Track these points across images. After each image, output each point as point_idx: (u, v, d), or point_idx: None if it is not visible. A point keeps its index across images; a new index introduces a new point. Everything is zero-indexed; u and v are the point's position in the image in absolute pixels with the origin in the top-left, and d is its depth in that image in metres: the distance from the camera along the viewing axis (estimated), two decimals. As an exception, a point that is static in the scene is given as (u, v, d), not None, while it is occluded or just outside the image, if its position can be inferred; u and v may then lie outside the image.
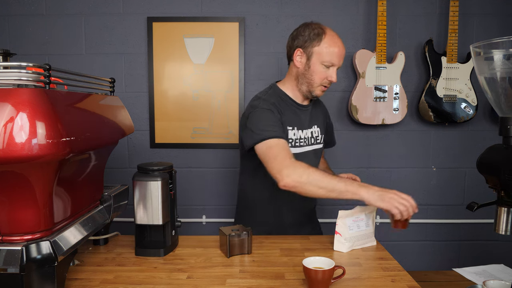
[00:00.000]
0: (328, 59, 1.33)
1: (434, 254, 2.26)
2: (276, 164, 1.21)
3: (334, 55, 1.33)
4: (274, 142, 1.24)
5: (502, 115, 0.87)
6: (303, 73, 1.37)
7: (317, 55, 1.33)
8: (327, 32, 1.34)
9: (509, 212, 0.89)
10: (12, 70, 0.81)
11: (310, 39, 1.34)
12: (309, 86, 1.38)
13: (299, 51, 1.36)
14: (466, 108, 2.07)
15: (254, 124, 1.30)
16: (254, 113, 1.33)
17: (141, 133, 2.19)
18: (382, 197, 1.13)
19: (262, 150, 1.25)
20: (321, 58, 1.33)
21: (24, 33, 2.13)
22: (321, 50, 1.33)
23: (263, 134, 1.26)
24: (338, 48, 1.34)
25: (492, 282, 1.07)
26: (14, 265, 0.81)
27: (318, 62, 1.34)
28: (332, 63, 1.34)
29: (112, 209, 1.23)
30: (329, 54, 1.33)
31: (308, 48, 1.34)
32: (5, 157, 0.75)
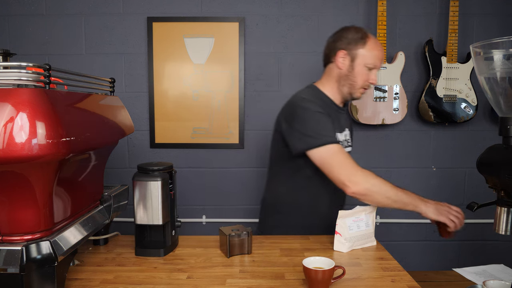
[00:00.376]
0: (371, 61, 1.36)
1: (434, 254, 2.26)
2: (344, 171, 1.23)
3: (377, 58, 1.37)
4: (336, 148, 1.25)
5: (502, 115, 0.87)
6: (346, 74, 1.38)
7: (362, 57, 1.35)
8: (370, 36, 1.38)
9: (509, 212, 0.89)
10: (12, 70, 0.81)
11: (354, 41, 1.36)
12: (351, 88, 1.39)
13: (342, 53, 1.37)
14: (466, 108, 2.07)
15: (309, 127, 1.28)
16: (306, 115, 1.30)
17: (141, 133, 2.19)
18: (438, 210, 1.21)
19: (323, 155, 1.25)
20: (365, 60, 1.35)
21: (24, 33, 2.13)
22: (366, 52, 1.35)
23: (322, 139, 1.25)
24: (380, 51, 1.38)
25: (492, 282, 1.07)
26: (14, 265, 0.81)
27: (362, 64, 1.36)
28: (375, 65, 1.37)
29: (112, 209, 1.23)
30: (373, 56, 1.35)
31: (352, 50, 1.36)
32: (5, 157, 0.75)
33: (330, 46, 1.42)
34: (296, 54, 2.16)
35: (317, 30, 2.15)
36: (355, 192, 1.21)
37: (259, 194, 2.22)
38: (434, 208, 1.21)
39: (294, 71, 2.17)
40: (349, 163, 1.24)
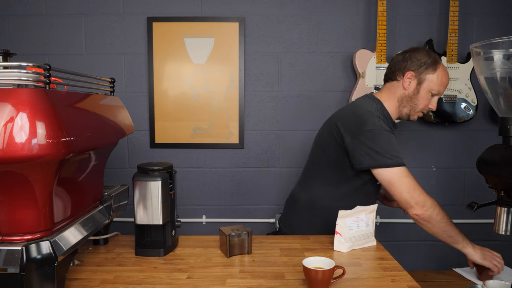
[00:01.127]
0: (437, 88, 1.38)
1: (434, 254, 2.26)
2: (414, 194, 1.27)
3: (443, 86, 1.39)
4: (406, 170, 1.29)
5: (502, 115, 0.87)
6: (410, 96, 1.40)
7: (429, 82, 1.37)
8: (440, 63, 1.40)
9: (509, 212, 0.89)
10: (12, 70, 0.81)
11: (425, 65, 1.37)
12: (411, 110, 1.41)
13: (410, 74, 1.38)
14: (466, 108, 2.07)
15: (380, 145, 1.29)
16: (377, 132, 1.30)
17: (141, 133, 2.19)
18: (484, 255, 1.27)
19: (393, 176, 1.28)
20: (431, 86, 1.37)
21: (24, 33, 2.13)
22: (434, 78, 1.37)
23: (395, 160, 1.28)
24: (447, 80, 1.40)
25: (492, 282, 1.07)
26: (14, 265, 0.81)
27: (428, 89, 1.37)
28: (439, 92, 1.39)
29: (112, 209, 1.23)
30: (440, 84, 1.38)
31: (421, 74, 1.37)
32: (5, 157, 0.75)
33: (399, 65, 1.41)
34: (296, 54, 2.16)
35: (317, 30, 2.15)
36: (419, 215, 1.26)
37: (259, 194, 2.23)
38: (481, 253, 1.27)
39: (294, 71, 2.17)
40: (419, 187, 1.29)
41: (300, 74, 2.17)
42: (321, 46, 2.16)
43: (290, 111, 2.18)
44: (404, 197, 1.27)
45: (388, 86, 1.45)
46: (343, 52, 2.15)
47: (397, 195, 1.29)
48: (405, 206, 1.28)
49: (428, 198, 1.28)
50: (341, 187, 1.42)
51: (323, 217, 1.44)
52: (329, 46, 2.15)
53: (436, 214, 1.26)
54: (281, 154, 2.21)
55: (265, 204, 2.22)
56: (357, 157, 1.32)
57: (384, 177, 1.30)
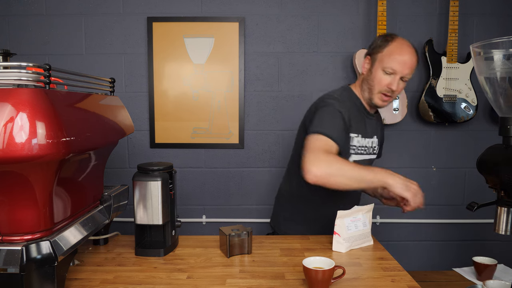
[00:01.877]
0: (389, 65, 1.31)
1: (434, 254, 2.26)
2: (309, 157, 1.18)
3: (395, 62, 1.30)
4: (325, 139, 1.22)
5: (502, 115, 0.87)
6: (366, 78, 1.38)
7: (380, 60, 1.33)
8: (396, 40, 1.34)
9: (509, 212, 0.89)
10: (12, 70, 0.81)
11: (377, 46, 1.36)
12: (370, 93, 1.37)
13: (367, 58, 1.39)
14: (466, 108, 2.07)
15: (320, 118, 1.28)
16: (325, 109, 1.31)
17: (141, 133, 2.19)
18: (407, 186, 1.15)
19: (308, 141, 1.23)
20: (382, 64, 1.32)
21: (24, 33, 2.13)
22: (384, 55, 1.32)
23: (317, 129, 1.24)
24: (401, 55, 1.31)
25: (492, 282, 1.07)
26: (14, 265, 0.81)
27: (380, 68, 1.33)
28: (394, 70, 1.31)
29: (112, 209, 1.23)
30: (391, 60, 1.31)
31: (373, 55, 1.36)
32: (5, 157, 0.75)
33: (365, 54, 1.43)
34: (296, 54, 2.16)
35: (317, 30, 2.15)
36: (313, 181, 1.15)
37: (259, 194, 2.23)
38: (403, 183, 1.15)
39: (294, 71, 2.17)
40: (320, 151, 1.18)
41: (300, 74, 2.17)
42: (321, 46, 2.16)
43: (290, 111, 2.18)
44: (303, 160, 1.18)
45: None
46: (343, 52, 2.15)
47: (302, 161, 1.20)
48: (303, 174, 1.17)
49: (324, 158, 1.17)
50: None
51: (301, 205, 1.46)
52: (329, 46, 2.15)
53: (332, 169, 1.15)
54: (281, 154, 2.21)
55: (265, 204, 2.22)
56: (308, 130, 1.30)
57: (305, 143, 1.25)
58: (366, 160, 1.47)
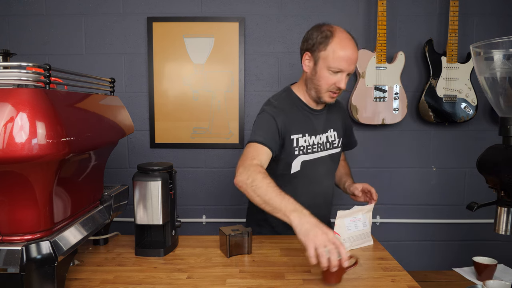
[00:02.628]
0: (334, 65, 1.25)
1: (434, 254, 2.26)
2: (240, 161, 1.20)
3: (341, 61, 1.25)
4: (256, 145, 1.24)
5: (502, 115, 0.87)
6: (311, 78, 1.32)
7: (323, 60, 1.27)
8: (335, 35, 1.26)
9: (509, 212, 0.89)
10: (12, 70, 0.81)
11: (317, 42, 1.27)
12: (317, 92, 1.33)
13: (307, 55, 1.32)
14: (466, 108, 2.07)
15: (255, 126, 1.32)
16: (259, 116, 1.33)
17: (141, 133, 2.19)
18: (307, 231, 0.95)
19: (244, 148, 1.26)
20: (327, 63, 1.26)
21: (24, 33, 2.13)
22: (327, 55, 1.25)
23: (252, 137, 1.27)
24: (345, 53, 1.25)
25: (492, 282, 1.07)
26: (14, 265, 0.81)
27: (324, 67, 1.27)
28: (340, 69, 1.26)
29: (112, 209, 1.23)
30: (335, 59, 1.25)
31: (315, 52, 1.29)
32: (5, 157, 0.75)
33: (301, 47, 1.36)
34: (296, 54, 2.16)
35: (317, 30, 2.15)
36: (236, 183, 1.16)
37: (259, 194, 2.22)
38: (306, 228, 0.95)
39: (294, 71, 2.17)
40: (248, 156, 1.19)
41: (300, 74, 2.16)
42: (321, 46, 2.15)
43: (290, 111, 2.18)
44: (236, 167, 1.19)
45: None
46: (343, 52, 2.15)
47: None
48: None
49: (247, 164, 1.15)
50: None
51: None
52: (329, 46, 2.15)
53: (247, 177, 1.11)
54: (281, 154, 2.21)
55: (265, 204, 2.22)
56: None
57: None
58: (327, 156, 1.43)
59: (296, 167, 1.36)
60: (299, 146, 1.35)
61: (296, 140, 1.34)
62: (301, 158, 1.36)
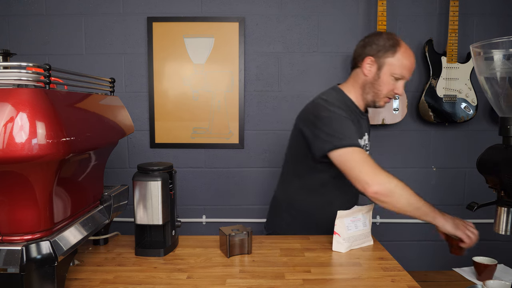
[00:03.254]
0: (399, 71, 1.31)
1: (434, 254, 2.26)
2: (367, 170, 1.18)
3: (406, 68, 1.32)
4: (359, 149, 1.22)
5: (502, 115, 0.87)
6: (371, 82, 1.35)
7: (389, 66, 1.31)
8: (401, 44, 1.33)
9: (509, 212, 0.89)
10: (12, 70, 0.81)
11: (384, 49, 1.32)
12: (375, 96, 1.36)
13: (369, 59, 1.34)
14: (466, 108, 2.07)
15: (334, 128, 1.26)
16: (332, 117, 1.28)
17: (141, 133, 2.19)
18: (456, 225, 1.17)
19: (345, 155, 1.22)
20: (392, 70, 1.31)
21: (24, 33, 2.13)
22: (394, 61, 1.31)
23: (347, 141, 1.23)
24: (410, 61, 1.32)
25: (492, 282, 1.07)
26: (14, 265, 0.81)
27: (389, 73, 1.32)
28: (403, 76, 1.32)
29: (112, 209, 1.23)
30: (401, 66, 1.31)
31: (380, 58, 1.32)
32: (5, 157, 0.75)
33: (359, 51, 1.38)
34: (296, 54, 2.16)
35: (317, 30, 2.15)
36: (378, 192, 1.15)
37: (259, 194, 2.22)
38: (452, 222, 1.18)
39: (294, 71, 2.17)
40: (372, 163, 1.20)
41: (300, 74, 2.17)
42: (321, 46, 2.16)
43: (290, 111, 2.18)
44: (357, 174, 1.18)
45: (352, 75, 1.42)
46: (343, 52, 2.15)
47: (351, 176, 1.20)
48: (361, 186, 1.18)
49: (382, 172, 1.18)
50: (310, 182, 1.38)
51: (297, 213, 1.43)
52: (329, 46, 2.15)
53: (395, 186, 1.17)
54: (281, 154, 2.20)
55: (265, 204, 2.22)
56: (315, 144, 1.29)
57: (337, 159, 1.23)
58: None
59: None
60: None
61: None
62: None
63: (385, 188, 1.16)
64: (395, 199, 1.17)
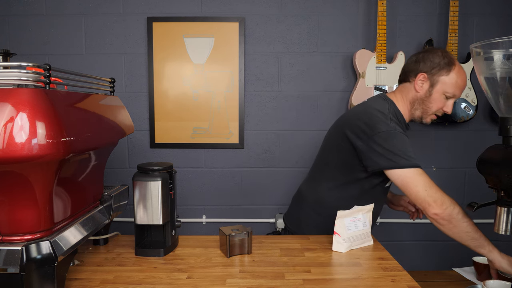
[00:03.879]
0: (452, 90, 1.32)
1: (434, 254, 2.26)
2: (432, 192, 1.21)
3: (458, 88, 1.32)
4: (421, 171, 1.24)
5: (502, 115, 0.87)
6: (422, 99, 1.35)
7: (443, 84, 1.32)
8: (456, 63, 1.33)
9: (509, 212, 0.89)
10: (12, 70, 0.81)
11: (438, 66, 1.32)
12: (423, 113, 1.37)
13: (422, 76, 1.33)
14: (466, 108, 2.07)
15: (396, 146, 1.25)
16: (393, 135, 1.27)
17: (141, 133, 2.19)
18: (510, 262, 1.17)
19: (410, 176, 1.23)
20: (445, 88, 1.32)
21: (24, 33, 2.13)
22: (448, 80, 1.31)
23: (412, 161, 1.24)
24: (463, 81, 1.33)
25: (492, 282, 1.07)
26: (14, 265, 0.81)
27: (441, 92, 1.32)
28: (454, 95, 1.33)
29: (112, 209, 1.23)
30: (454, 86, 1.31)
31: (434, 76, 1.32)
32: (5, 157, 0.75)
33: (412, 66, 1.37)
34: (296, 54, 2.16)
35: (317, 30, 2.15)
36: (438, 214, 1.19)
37: (259, 194, 2.22)
38: (508, 260, 1.18)
39: (294, 71, 2.17)
40: (435, 186, 1.23)
41: (300, 74, 2.17)
42: (321, 46, 2.16)
43: (290, 111, 2.18)
44: (421, 196, 1.21)
45: (401, 88, 1.42)
46: (343, 52, 2.15)
47: (413, 195, 1.23)
48: (422, 205, 1.21)
49: (446, 196, 1.21)
50: (349, 189, 1.39)
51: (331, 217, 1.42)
52: (329, 46, 2.15)
53: (457, 213, 1.19)
54: (281, 154, 2.21)
55: (265, 204, 2.22)
56: (372, 159, 1.28)
57: (399, 177, 1.25)
58: None
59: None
60: None
61: None
62: None
63: (447, 213, 1.18)
64: (453, 225, 1.19)
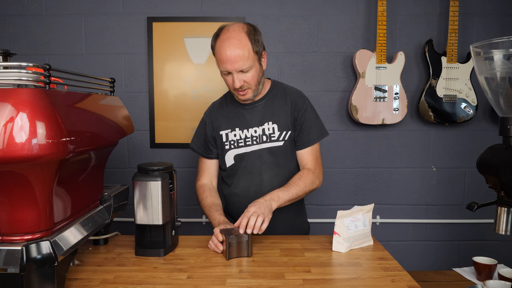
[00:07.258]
0: (221, 68, 1.28)
1: (434, 254, 2.26)
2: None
3: (222, 62, 1.25)
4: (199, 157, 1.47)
5: (502, 115, 0.87)
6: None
7: (217, 63, 1.30)
8: (219, 37, 1.26)
9: (509, 212, 0.89)
10: (12, 70, 0.81)
11: (212, 46, 1.30)
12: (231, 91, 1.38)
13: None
14: (466, 108, 2.07)
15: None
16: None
17: (141, 133, 2.19)
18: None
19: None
20: (218, 66, 1.30)
21: (24, 33, 2.13)
22: (216, 58, 1.28)
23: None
24: (223, 54, 1.23)
25: (492, 282, 1.07)
26: (14, 265, 0.81)
27: (220, 70, 1.30)
28: (227, 70, 1.26)
29: (112, 209, 1.23)
30: (220, 63, 1.27)
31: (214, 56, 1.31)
32: (5, 157, 0.75)
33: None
34: (296, 54, 2.16)
35: (317, 30, 2.15)
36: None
37: (259, 194, 2.22)
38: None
39: (294, 71, 2.17)
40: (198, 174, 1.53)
41: (300, 74, 2.17)
42: (321, 46, 2.16)
43: (290, 111, 2.18)
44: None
45: None
46: (343, 52, 2.15)
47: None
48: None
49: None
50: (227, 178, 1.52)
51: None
52: (329, 46, 2.15)
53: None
54: (281, 154, 2.20)
55: (265, 204, 2.22)
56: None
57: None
58: (264, 150, 1.38)
59: (230, 161, 1.43)
60: (229, 140, 1.41)
61: (225, 135, 1.42)
62: (233, 152, 1.41)
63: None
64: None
